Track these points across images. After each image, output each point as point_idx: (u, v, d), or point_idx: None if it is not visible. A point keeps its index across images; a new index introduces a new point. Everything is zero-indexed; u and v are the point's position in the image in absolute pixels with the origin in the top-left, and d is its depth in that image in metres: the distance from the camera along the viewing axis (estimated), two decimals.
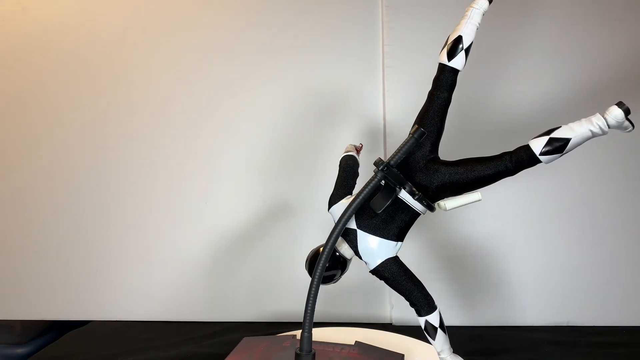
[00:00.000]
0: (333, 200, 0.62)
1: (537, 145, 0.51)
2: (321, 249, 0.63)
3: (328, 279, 0.63)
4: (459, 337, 0.84)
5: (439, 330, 0.59)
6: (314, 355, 0.58)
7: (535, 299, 0.89)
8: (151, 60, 0.93)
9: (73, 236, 0.96)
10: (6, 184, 0.96)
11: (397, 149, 0.54)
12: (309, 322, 0.57)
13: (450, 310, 0.91)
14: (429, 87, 0.60)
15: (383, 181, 0.55)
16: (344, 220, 0.55)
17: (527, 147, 0.52)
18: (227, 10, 0.92)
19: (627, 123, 0.49)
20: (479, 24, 0.57)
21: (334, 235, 0.55)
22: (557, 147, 0.50)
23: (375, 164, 0.54)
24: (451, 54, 0.57)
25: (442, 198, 0.57)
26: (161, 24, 0.93)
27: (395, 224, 0.57)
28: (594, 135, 0.49)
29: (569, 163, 0.86)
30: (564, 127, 0.51)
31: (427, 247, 0.90)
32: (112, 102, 0.94)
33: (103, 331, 0.92)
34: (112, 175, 0.94)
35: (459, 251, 0.90)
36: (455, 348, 0.73)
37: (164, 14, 0.93)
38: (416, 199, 0.56)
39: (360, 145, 0.72)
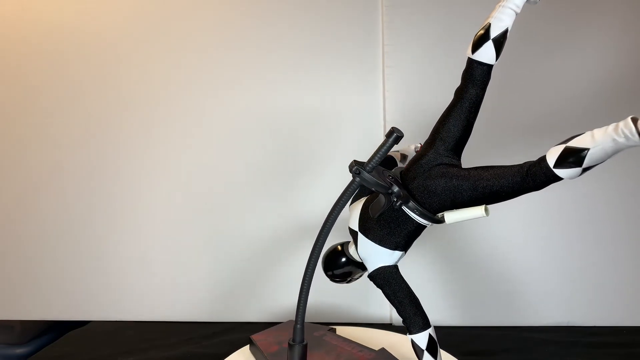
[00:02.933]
0: (354, 199, 0.61)
1: (553, 155, 0.42)
2: (339, 247, 0.63)
3: (342, 278, 0.63)
4: (460, 337, 0.85)
5: (426, 354, 0.53)
6: (305, 346, 0.60)
7: (535, 300, 0.89)
8: (150, 61, 0.93)
9: (73, 237, 0.95)
10: (6, 185, 0.96)
11: (374, 152, 0.49)
12: (301, 315, 0.58)
13: (451, 310, 0.91)
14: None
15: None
16: (328, 225, 0.54)
17: (543, 158, 0.43)
18: (226, 11, 0.92)
19: None
20: (519, 8, 0.48)
21: (320, 238, 0.56)
22: (574, 159, 0.41)
23: (350, 167, 0.50)
24: (476, 46, 0.49)
25: (444, 209, 0.51)
26: (160, 25, 0.93)
27: (393, 231, 0.54)
28: (619, 146, 0.39)
29: None
30: (585, 135, 0.41)
31: (427, 247, 0.90)
32: (110, 103, 0.94)
33: (103, 331, 0.92)
34: (112, 175, 0.94)
35: (459, 252, 0.90)
36: (456, 348, 0.73)
37: (163, 15, 0.93)
38: (398, 207, 0.50)
39: (420, 145, 0.64)
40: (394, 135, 0.48)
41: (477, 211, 0.48)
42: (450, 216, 0.50)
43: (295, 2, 0.90)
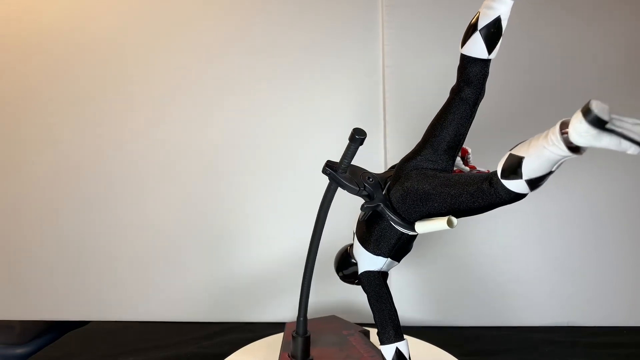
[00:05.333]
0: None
1: (500, 164, 0.37)
2: (348, 248, 0.64)
3: (352, 278, 0.63)
4: (460, 337, 0.85)
5: None
6: (307, 338, 0.62)
7: (535, 300, 0.89)
8: (150, 61, 0.93)
9: (73, 236, 0.95)
10: (6, 185, 0.96)
11: (342, 154, 0.49)
12: (304, 308, 0.61)
13: (451, 310, 0.91)
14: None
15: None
16: (319, 224, 0.56)
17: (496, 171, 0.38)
18: (226, 11, 0.92)
19: (611, 140, 0.29)
20: None
21: (315, 237, 0.58)
22: (514, 169, 0.36)
23: (323, 167, 0.49)
24: (464, 38, 0.44)
25: (422, 216, 0.46)
26: (160, 24, 0.93)
27: (378, 235, 0.52)
28: (552, 156, 0.33)
29: (568, 163, 0.86)
30: (526, 141, 0.36)
31: (427, 247, 0.90)
32: (110, 103, 0.94)
33: (103, 331, 0.92)
34: (112, 175, 0.94)
35: (459, 252, 0.90)
36: (457, 348, 0.73)
37: (163, 14, 0.93)
38: (365, 209, 0.49)
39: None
40: (356, 138, 0.47)
41: (441, 222, 0.44)
42: (419, 226, 0.47)
43: (294, 2, 0.90)
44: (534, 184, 0.36)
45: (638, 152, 0.29)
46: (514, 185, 0.37)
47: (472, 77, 0.45)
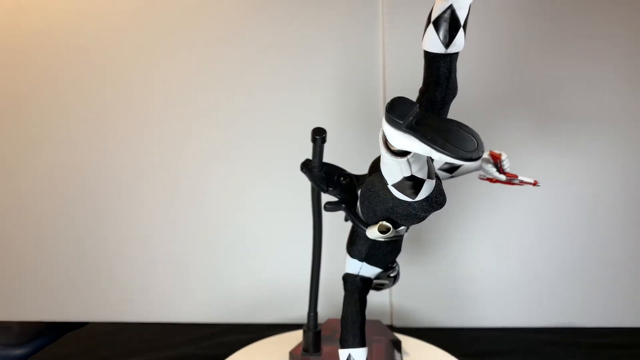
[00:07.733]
0: None
1: None
2: None
3: None
4: (461, 338, 0.84)
5: None
6: (318, 332, 0.64)
7: (537, 300, 0.89)
8: (152, 59, 0.93)
9: (72, 237, 0.95)
10: (6, 184, 0.96)
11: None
12: (313, 304, 0.64)
13: (452, 311, 0.90)
14: None
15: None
16: (316, 223, 0.58)
17: None
18: (225, 10, 0.92)
19: (412, 143, 0.26)
20: None
21: (316, 235, 0.61)
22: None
23: (300, 165, 0.51)
24: (423, 32, 0.39)
25: (374, 219, 0.43)
26: (161, 22, 0.93)
27: (355, 237, 0.52)
28: (389, 160, 0.30)
29: (568, 164, 0.86)
30: None
31: (427, 248, 0.90)
32: (111, 102, 0.94)
33: (102, 332, 0.92)
34: (112, 176, 0.94)
35: (459, 252, 0.90)
36: (458, 349, 0.73)
37: (164, 12, 0.92)
38: (326, 209, 0.49)
39: (490, 152, 0.54)
40: (316, 138, 0.49)
41: (374, 229, 0.41)
42: (369, 230, 0.44)
43: (294, 3, 0.90)
44: (412, 190, 0.32)
45: (439, 157, 0.25)
46: (395, 191, 0.33)
47: (435, 74, 0.40)
